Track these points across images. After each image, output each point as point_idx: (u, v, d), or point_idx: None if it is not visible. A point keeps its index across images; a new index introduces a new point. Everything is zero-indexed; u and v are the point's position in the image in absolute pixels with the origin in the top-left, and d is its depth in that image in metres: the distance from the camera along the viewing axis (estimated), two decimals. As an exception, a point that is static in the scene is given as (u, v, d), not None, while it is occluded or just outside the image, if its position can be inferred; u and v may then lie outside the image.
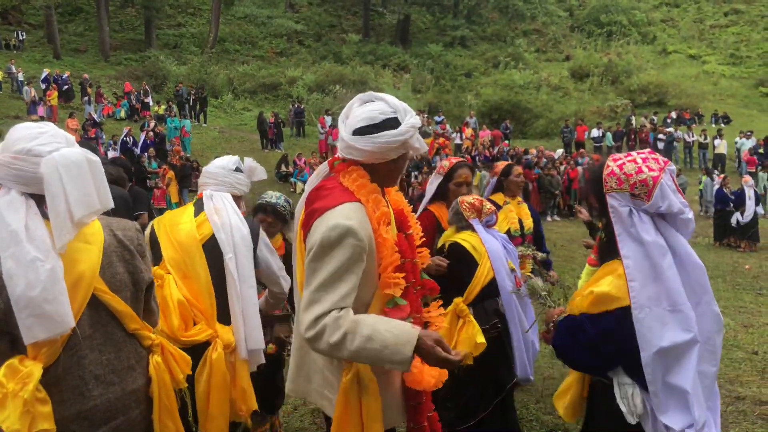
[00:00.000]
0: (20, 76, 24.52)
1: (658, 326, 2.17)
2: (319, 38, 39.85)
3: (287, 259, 3.68)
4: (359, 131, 2.15)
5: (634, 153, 2.35)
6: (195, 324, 2.87)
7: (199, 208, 3.06)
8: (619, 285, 2.22)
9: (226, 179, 3.14)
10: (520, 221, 4.88)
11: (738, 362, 6.02)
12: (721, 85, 34.76)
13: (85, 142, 5.35)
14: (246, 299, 2.92)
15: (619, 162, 2.30)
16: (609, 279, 2.26)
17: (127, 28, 38.45)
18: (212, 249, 2.92)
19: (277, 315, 3.73)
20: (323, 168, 2.37)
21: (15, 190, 1.97)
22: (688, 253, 2.27)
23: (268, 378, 3.76)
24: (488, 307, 3.69)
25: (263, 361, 3.14)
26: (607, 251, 2.37)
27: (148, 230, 3.05)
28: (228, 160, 3.24)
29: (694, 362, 2.20)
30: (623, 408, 2.25)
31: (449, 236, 3.79)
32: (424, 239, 2.53)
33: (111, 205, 2.13)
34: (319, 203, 2.16)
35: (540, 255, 4.87)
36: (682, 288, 2.21)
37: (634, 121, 25.83)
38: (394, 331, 1.96)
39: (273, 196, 3.79)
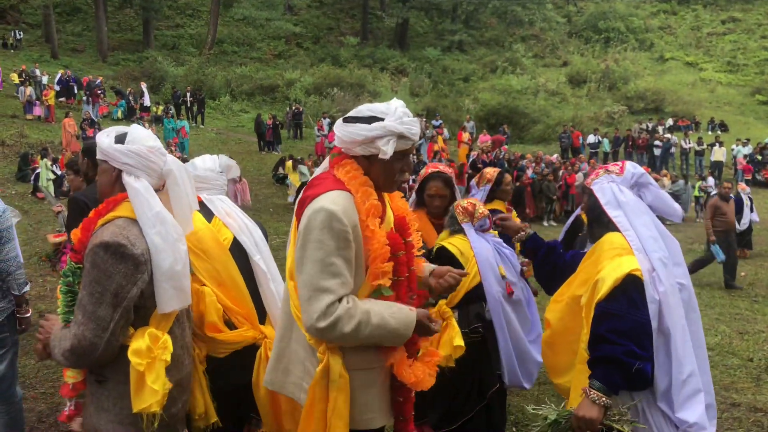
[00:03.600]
0: (44, 80, 24.68)
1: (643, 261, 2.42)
2: (318, 41, 39.88)
3: None
4: (345, 119, 2.27)
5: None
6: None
7: (206, 213, 2.94)
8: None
9: (217, 182, 3.09)
10: None
11: (733, 369, 6.02)
12: (717, 93, 34.89)
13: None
14: (279, 296, 2.89)
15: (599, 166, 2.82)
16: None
17: (126, 28, 38.40)
18: (237, 253, 2.85)
19: None
20: (324, 164, 2.41)
21: (145, 179, 2.22)
22: (663, 229, 2.52)
23: None
24: (471, 311, 3.67)
25: None
26: (594, 231, 2.67)
27: None
28: (213, 163, 3.16)
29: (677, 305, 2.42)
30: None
31: (441, 240, 3.79)
32: (423, 251, 2.53)
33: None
34: (310, 191, 2.21)
35: None
36: (660, 243, 2.47)
37: (635, 128, 25.92)
38: (397, 316, 2.12)
39: None
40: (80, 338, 2.06)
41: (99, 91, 25.09)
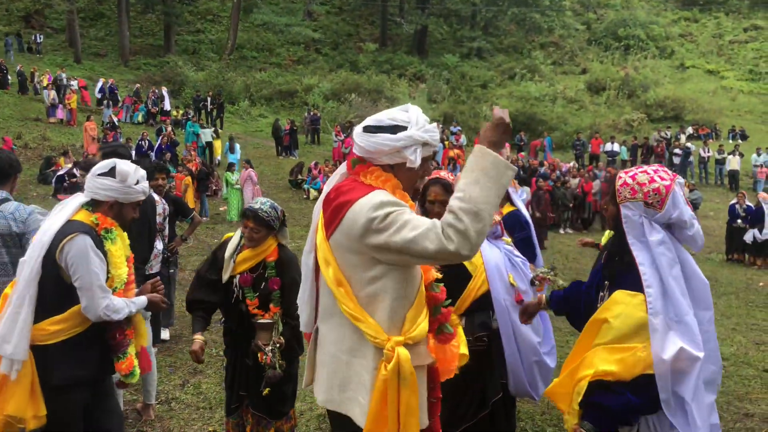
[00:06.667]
0: (74, 84, 25.20)
1: (665, 338, 2.23)
2: (336, 47, 40.10)
3: (279, 265, 3.62)
4: (366, 129, 2.21)
5: (645, 165, 2.44)
6: None
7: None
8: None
9: (87, 184, 3.14)
10: None
11: (748, 379, 5.96)
12: (739, 101, 34.52)
13: (122, 145, 5.61)
14: (10, 302, 2.87)
15: (631, 173, 2.40)
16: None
17: (147, 33, 38.92)
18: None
19: (260, 322, 3.57)
20: (341, 168, 2.35)
21: None
22: (694, 270, 2.35)
23: (276, 384, 3.70)
24: (476, 319, 3.62)
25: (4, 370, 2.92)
26: (615, 259, 2.45)
27: None
28: (98, 166, 3.17)
29: (695, 376, 2.25)
30: None
31: None
32: None
33: None
34: (344, 197, 2.14)
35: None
36: (687, 299, 2.28)
37: (653, 136, 25.65)
38: (489, 173, 2.04)
39: (258, 202, 3.62)
40: None
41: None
